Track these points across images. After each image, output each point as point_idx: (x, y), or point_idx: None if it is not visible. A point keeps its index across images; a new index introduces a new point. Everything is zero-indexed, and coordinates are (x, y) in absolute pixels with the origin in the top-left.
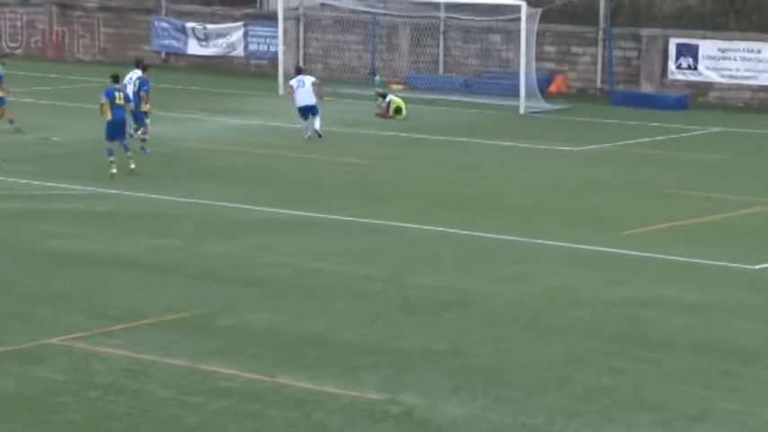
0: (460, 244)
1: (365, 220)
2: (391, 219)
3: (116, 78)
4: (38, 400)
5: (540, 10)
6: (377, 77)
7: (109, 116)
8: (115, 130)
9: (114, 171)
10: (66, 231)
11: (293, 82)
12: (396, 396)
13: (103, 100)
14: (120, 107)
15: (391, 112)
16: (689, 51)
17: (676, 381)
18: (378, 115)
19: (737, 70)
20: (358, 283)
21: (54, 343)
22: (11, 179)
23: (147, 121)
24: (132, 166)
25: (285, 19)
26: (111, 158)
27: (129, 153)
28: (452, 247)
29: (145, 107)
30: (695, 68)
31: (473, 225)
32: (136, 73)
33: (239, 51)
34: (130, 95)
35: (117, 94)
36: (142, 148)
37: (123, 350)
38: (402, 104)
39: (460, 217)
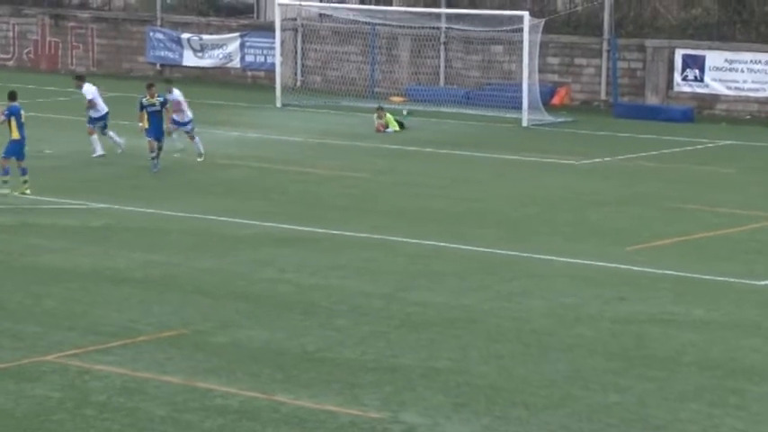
0: (461, 259)
1: (364, 235)
2: (391, 233)
3: (13, 96)
4: (33, 418)
5: (543, 21)
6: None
7: (17, 135)
8: (17, 150)
9: (6, 192)
10: (58, 246)
11: (180, 96)
12: (396, 414)
13: (2, 119)
14: (23, 126)
15: (385, 122)
16: (695, 63)
17: (682, 399)
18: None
19: (744, 82)
20: (358, 298)
21: (48, 360)
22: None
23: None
24: (28, 192)
25: (283, 30)
26: (5, 178)
27: (25, 177)
28: (453, 262)
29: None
30: (701, 80)
31: (474, 240)
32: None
33: (236, 63)
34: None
35: (22, 112)
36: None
37: (118, 367)
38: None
39: (461, 231)
